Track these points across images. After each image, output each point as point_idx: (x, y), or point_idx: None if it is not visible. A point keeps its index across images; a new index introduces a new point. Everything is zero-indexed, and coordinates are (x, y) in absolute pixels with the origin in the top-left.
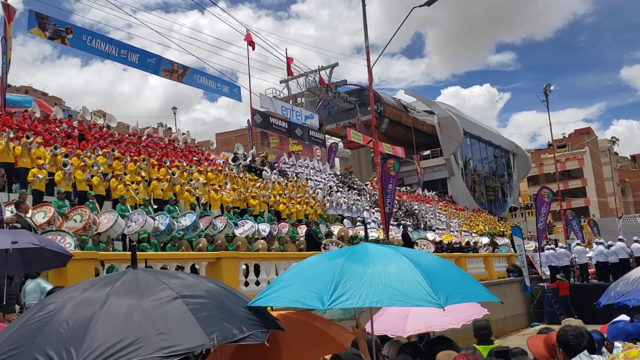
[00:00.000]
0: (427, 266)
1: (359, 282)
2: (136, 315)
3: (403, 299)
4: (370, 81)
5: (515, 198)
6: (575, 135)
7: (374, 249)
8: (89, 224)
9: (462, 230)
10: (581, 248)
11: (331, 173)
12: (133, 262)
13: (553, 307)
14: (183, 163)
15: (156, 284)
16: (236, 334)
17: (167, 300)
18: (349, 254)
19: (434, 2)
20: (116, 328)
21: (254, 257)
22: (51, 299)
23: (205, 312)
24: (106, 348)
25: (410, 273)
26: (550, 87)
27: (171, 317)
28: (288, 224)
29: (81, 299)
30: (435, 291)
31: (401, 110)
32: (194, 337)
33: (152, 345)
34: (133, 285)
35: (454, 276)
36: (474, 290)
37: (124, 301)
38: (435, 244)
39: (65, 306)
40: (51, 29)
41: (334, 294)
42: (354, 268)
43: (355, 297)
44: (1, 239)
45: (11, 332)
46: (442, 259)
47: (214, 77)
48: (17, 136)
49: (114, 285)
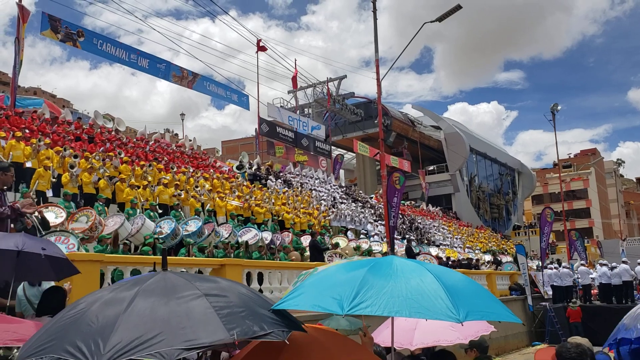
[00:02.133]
0: (450, 282)
1: (379, 292)
2: (161, 311)
3: (422, 312)
4: (379, 94)
5: (519, 216)
6: (581, 155)
7: (399, 262)
8: (95, 225)
9: (465, 247)
10: (585, 269)
11: (336, 184)
12: (164, 265)
13: (555, 326)
14: (189, 169)
15: (184, 285)
16: (257, 331)
17: (191, 298)
18: (372, 265)
19: (445, 18)
20: (141, 322)
21: (257, 265)
22: (82, 298)
23: (227, 310)
24: (131, 340)
25: (432, 287)
26: (558, 107)
27: (194, 313)
28: (291, 233)
29: (110, 297)
30: (456, 306)
31: (408, 125)
32: (215, 332)
33: (174, 338)
34: (161, 285)
35: (476, 293)
36: (495, 309)
37: (150, 299)
38: (438, 259)
39: (95, 303)
40: (63, 32)
41: (354, 300)
42: (376, 279)
43: (375, 306)
44: (32, 244)
45: (48, 327)
46: (466, 276)
47: (223, 85)
48: (25, 136)
49: (143, 284)
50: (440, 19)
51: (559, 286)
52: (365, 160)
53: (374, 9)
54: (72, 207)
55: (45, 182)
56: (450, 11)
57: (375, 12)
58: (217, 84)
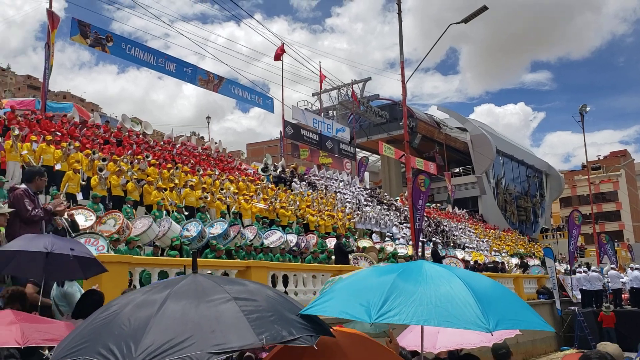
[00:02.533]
0: (480, 289)
1: (408, 300)
2: (191, 314)
3: (451, 320)
4: (404, 96)
5: (547, 219)
6: (611, 157)
7: (429, 268)
8: (122, 228)
9: (492, 250)
10: (615, 273)
11: (360, 187)
12: (194, 267)
13: (584, 331)
14: (215, 172)
15: (213, 288)
16: (285, 336)
17: (221, 302)
18: (402, 271)
19: (471, 20)
20: (172, 325)
21: (283, 267)
22: (115, 300)
23: (256, 314)
24: (162, 343)
25: (461, 295)
26: (586, 108)
27: (224, 317)
28: (316, 235)
29: (142, 300)
30: (486, 315)
31: (433, 126)
32: (244, 336)
33: (204, 342)
34: (192, 288)
35: (507, 300)
36: (526, 317)
37: (181, 302)
38: (464, 262)
39: (128, 306)
40: (92, 37)
41: (382, 308)
42: (405, 285)
43: (404, 314)
44: (61, 245)
45: (81, 329)
46: (496, 282)
47: (248, 88)
48: (55, 140)
49: (173, 287)
50: (466, 21)
51: (588, 290)
52: (390, 162)
53: (399, 11)
54: (101, 209)
55: (75, 184)
56: (476, 12)
57: (400, 14)
58: (242, 87)
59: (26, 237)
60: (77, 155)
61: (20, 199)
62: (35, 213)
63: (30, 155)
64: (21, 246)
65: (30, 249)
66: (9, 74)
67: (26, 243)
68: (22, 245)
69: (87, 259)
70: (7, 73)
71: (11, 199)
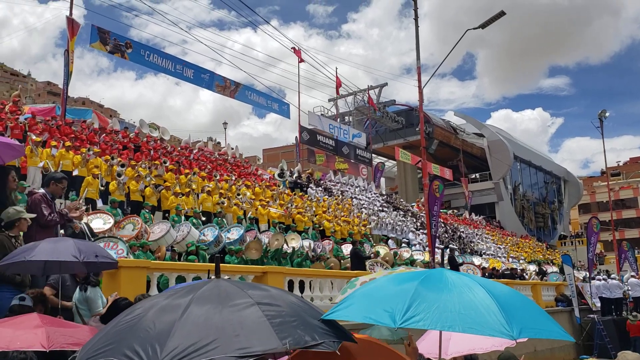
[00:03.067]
0: (503, 297)
1: (432, 306)
2: (215, 318)
3: (476, 327)
4: (420, 102)
5: (566, 226)
6: (631, 163)
7: (450, 275)
8: (141, 233)
9: (509, 257)
10: (636, 281)
11: (376, 193)
12: (217, 273)
13: (604, 340)
14: (232, 177)
15: (236, 293)
16: (308, 341)
17: (244, 307)
18: (423, 278)
19: (488, 25)
20: (197, 329)
21: (299, 273)
22: (139, 304)
23: (279, 319)
24: (187, 346)
25: (485, 302)
26: (606, 113)
27: (247, 321)
28: (332, 241)
29: (166, 304)
30: (509, 322)
31: (450, 132)
32: (267, 341)
33: (228, 345)
34: (214, 293)
35: (529, 309)
36: (548, 326)
37: (205, 306)
38: (482, 269)
39: (152, 309)
40: (112, 44)
41: (406, 313)
42: (428, 292)
43: (428, 320)
44: (87, 251)
45: (106, 331)
46: (516, 291)
47: (264, 94)
48: (74, 145)
49: (197, 292)
50: (483, 26)
51: (607, 298)
52: (406, 168)
53: (415, 16)
54: (119, 214)
55: (94, 189)
56: (493, 17)
57: (416, 19)
58: (259, 93)
59: (50, 242)
60: (96, 161)
61: (38, 204)
62: (51, 218)
63: (49, 161)
64: (50, 254)
65: (60, 258)
66: (30, 80)
67: (52, 249)
68: (49, 252)
69: (93, 248)
70: (28, 79)
71: (29, 203)
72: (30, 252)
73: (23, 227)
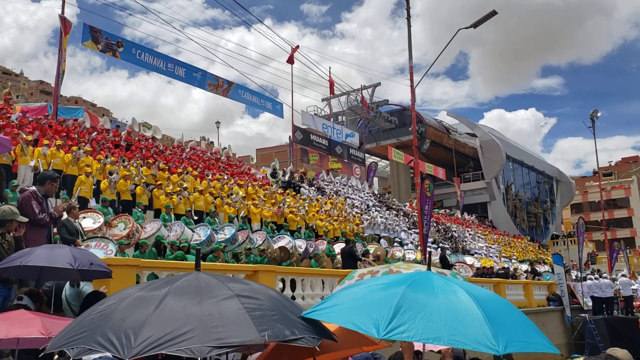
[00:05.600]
0: (488, 305)
1: (417, 315)
2: (193, 309)
3: (461, 340)
4: (412, 101)
5: (558, 225)
6: (623, 163)
7: (437, 281)
8: (132, 232)
9: (501, 256)
10: (626, 280)
11: (369, 192)
12: (197, 265)
13: (595, 339)
14: (224, 176)
15: (216, 285)
16: (287, 335)
17: (224, 298)
18: (410, 283)
19: (480, 24)
20: (173, 319)
21: (290, 271)
22: (112, 295)
23: (259, 312)
24: (162, 335)
25: (471, 313)
26: (597, 114)
27: (226, 312)
28: (325, 241)
29: (142, 294)
30: (495, 336)
31: (443, 132)
32: (246, 332)
33: (205, 335)
34: (194, 284)
35: (515, 320)
36: (534, 339)
37: (181, 298)
38: (475, 269)
39: (126, 300)
40: (103, 42)
41: (390, 323)
42: (414, 298)
43: (413, 331)
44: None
45: (79, 320)
46: (504, 300)
47: (257, 93)
48: (66, 144)
49: (174, 284)
50: (475, 25)
51: (599, 297)
52: (399, 167)
53: (408, 16)
54: (110, 212)
55: (87, 188)
56: (485, 17)
57: (409, 19)
58: (252, 92)
59: (47, 248)
60: (87, 159)
61: (27, 201)
62: (42, 217)
63: (40, 160)
64: (46, 261)
65: (56, 264)
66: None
67: (48, 256)
68: (45, 259)
69: (88, 256)
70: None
71: (19, 201)
72: (26, 257)
73: (12, 227)
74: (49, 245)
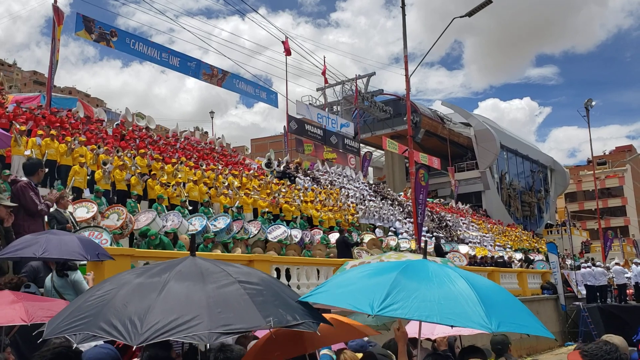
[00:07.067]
0: (484, 290)
1: (410, 295)
2: (198, 295)
3: (454, 318)
4: (407, 91)
5: (552, 214)
6: (617, 152)
7: (432, 266)
8: (125, 223)
9: (495, 245)
10: (620, 268)
11: (364, 182)
12: (192, 250)
13: (588, 327)
14: (219, 166)
15: (215, 269)
16: (290, 320)
17: (226, 284)
18: (404, 267)
19: (475, 13)
20: (179, 305)
21: (286, 261)
22: (107, 279)
23: (261, 297)
24: (170, 321)
25: (465, 293)
26: (592, 103)
27: (230, 299)
28: (321, 230)
29: (142, 279)
30: (488, 315)
31: (437, 121)
32: (251, 319)
33: (212, 322)
34: (193, 270)
35: (509, 304)
36: (527, 322)
37: (184, 282)
38: (469, 257)
39: (126, 285)
40: (97, 32)
41: (384, 301)
42: (408, 281)
43: (406, 309)
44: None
45: (76, 305)
46: (498, 286)
47: (252, 83)
48: (60, 134)
49: (174, 269)
50: (470, 14)
51: (593, 286)
52: (394, 157)
53: (402, 5)
54: (104, 203)
55: (81, 178)
56: (480, 6)
57: (404, 8)
58: (247, 82)
59: (54, 236)
60: (81, 150)
61: (25, 192)
62: (42, 208)
63: (34, 150)
64: (60, 252)
65: (71, 257)
66: (15, 69)
67: (60, 247)
68: (58, 250)
69: (92, 244)
70: (13, 69)
71: (14, 191)
72: (37, 247)
73: (2, 213)
74: (54, 230)
